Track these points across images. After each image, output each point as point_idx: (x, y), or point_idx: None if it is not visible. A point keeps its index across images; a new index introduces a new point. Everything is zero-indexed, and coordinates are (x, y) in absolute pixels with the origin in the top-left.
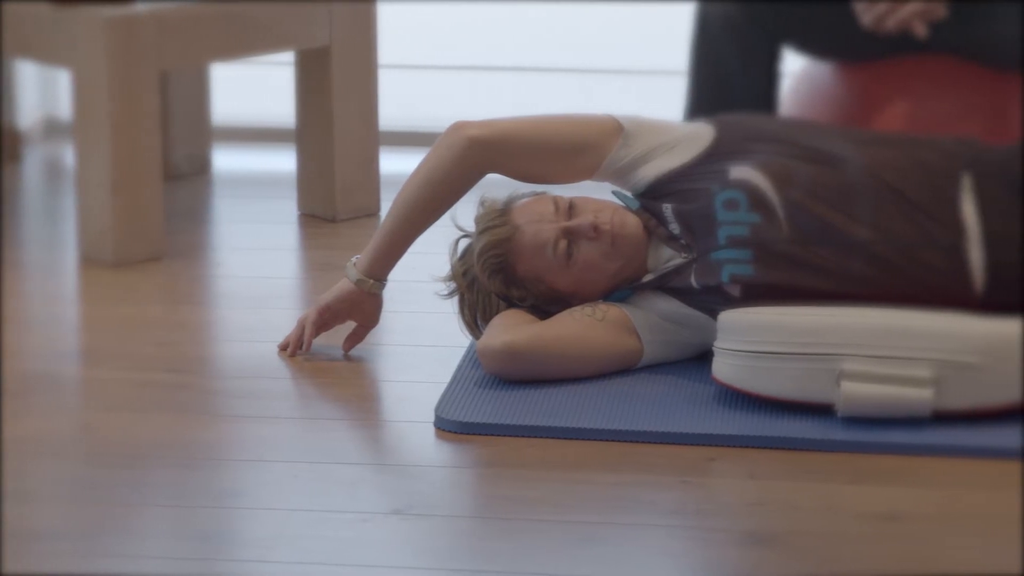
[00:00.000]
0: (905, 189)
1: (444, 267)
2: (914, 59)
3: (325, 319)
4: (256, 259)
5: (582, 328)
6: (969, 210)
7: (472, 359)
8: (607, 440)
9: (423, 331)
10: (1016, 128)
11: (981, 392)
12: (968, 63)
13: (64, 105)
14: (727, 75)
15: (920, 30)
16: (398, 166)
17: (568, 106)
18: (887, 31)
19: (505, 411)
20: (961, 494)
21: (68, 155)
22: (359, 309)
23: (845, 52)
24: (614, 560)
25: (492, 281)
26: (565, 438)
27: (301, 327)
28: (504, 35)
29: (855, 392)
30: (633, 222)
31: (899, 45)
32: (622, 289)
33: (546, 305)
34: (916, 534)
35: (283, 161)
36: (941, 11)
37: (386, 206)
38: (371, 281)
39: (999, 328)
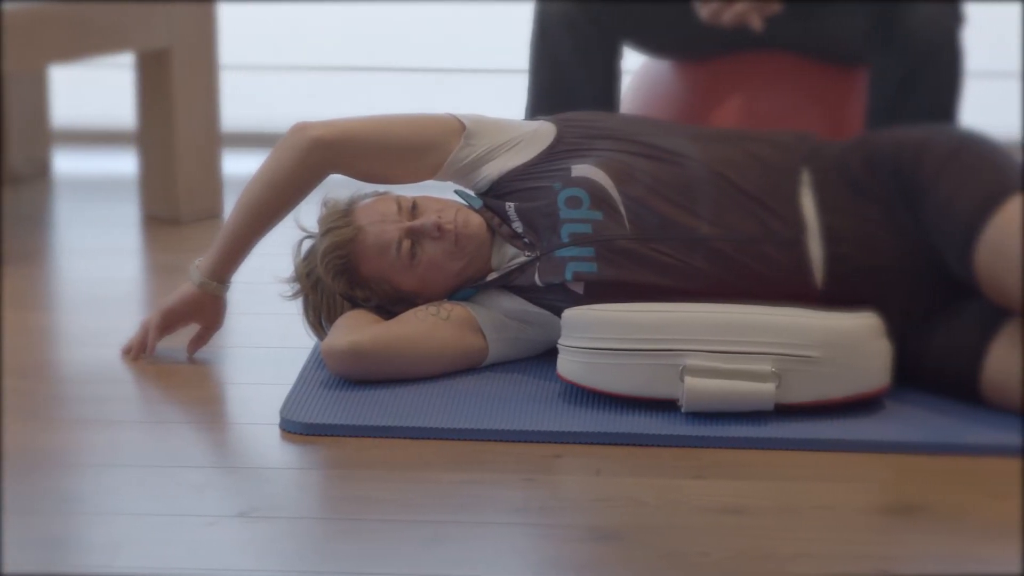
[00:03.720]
0: (745, 185)
1: (288, 268)
2: (752, 55)
3: (168, 322)
4: (98, 262)
5: (427, 327)
6: (808, 205)
7: (317, 360)
8: (453, 439)
9: (268, 333)
10: (854, 122)
11: (822, 385)
12: (806, 58)
13: None
14: (567, 73)
15: (756, 24)
16: (241, 167)
17: (411, 106)
18: (724, 26)
19: (350, 412)
20: (804, 487)
21: None
22: (202, 312)
23: (684, 49)
24: (460, 559)
25: (336, 282)
26: (411, 438)
27: (144, 330)
28: (347, 35)
29: (698, 387)
30: (476, 221)
31: (738, 42)
32: (466, 288)
33: (391, 305)
34: (759, 527)
35: (124, 163)
36: (776, 6)
37: (229, 207)
38: (214, 283)
39: (838, 322)
